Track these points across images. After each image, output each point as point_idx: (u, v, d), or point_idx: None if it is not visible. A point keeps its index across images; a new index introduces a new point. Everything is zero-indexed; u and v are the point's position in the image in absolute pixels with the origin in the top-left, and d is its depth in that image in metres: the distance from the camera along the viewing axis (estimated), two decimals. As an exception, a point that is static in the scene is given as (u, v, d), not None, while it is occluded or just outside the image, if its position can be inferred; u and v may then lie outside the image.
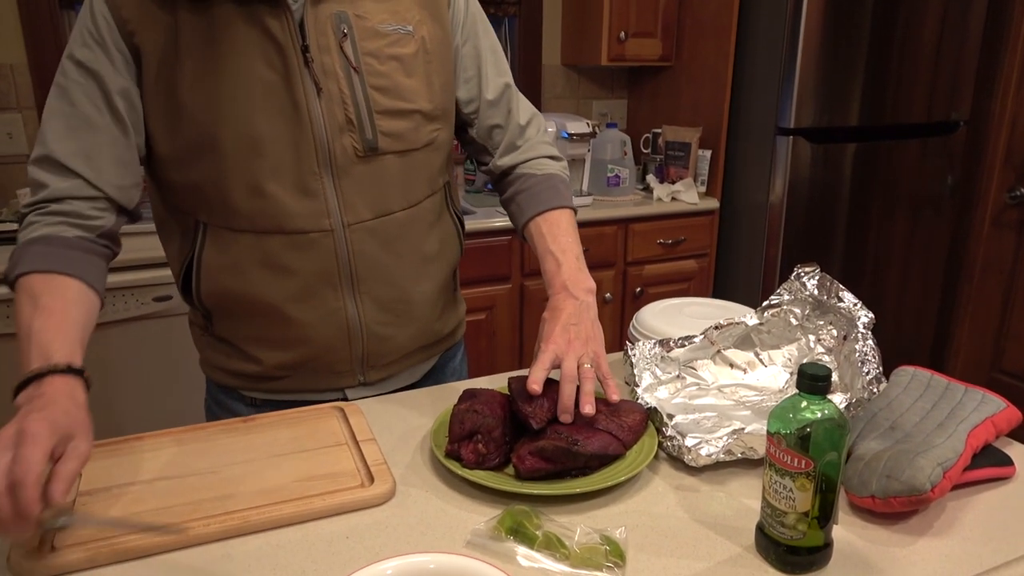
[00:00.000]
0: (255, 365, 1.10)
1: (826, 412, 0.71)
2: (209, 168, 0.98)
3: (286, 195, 0.99)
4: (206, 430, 0.99)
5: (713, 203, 2.75)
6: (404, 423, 1.04)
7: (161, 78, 0.95)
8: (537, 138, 1.19)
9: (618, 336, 2.73)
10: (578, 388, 0.92)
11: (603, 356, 0.97)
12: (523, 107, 1.18)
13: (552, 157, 1.19)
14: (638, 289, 2.69)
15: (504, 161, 1.17)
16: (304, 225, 1.01)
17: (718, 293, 2.88)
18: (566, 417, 0.90)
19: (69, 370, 0.81)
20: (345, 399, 1.13)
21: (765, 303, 1.05)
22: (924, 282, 2.98)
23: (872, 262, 2.82)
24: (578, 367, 0.93)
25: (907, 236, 2.87)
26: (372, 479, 0.87)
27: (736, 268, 2.83)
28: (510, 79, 1.17)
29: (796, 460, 0.70)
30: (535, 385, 0.91)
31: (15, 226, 2.06)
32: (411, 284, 1.11)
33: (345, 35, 0.98)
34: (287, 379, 1.11)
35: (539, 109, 3.02)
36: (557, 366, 0.94)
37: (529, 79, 3.00)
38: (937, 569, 0.74)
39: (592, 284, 1.03)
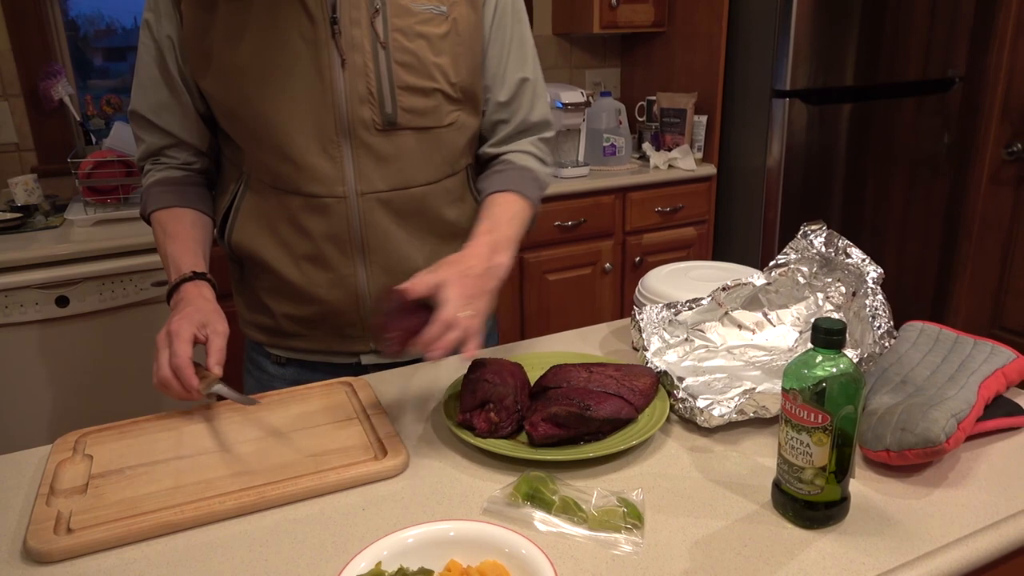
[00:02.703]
0: (269, 318, 1.15)
1: (841, 366, 0.70)
2: (242, 126, 1.06)
3: (305, 159, 1.03)
4: (216, 409, 0.99)
5: (710, 169, 2.74)
6: (413, 395, 1.03)
7: (199, 39, 1.02)
8: (533, 141, 1.17)
9: (619, 306, 2.73)
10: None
11: (482, 315, 0.90)
12: (537, 109, 1.16)
13: (541, 160, 1.17)
14: (637, 258, 2.68)
15: (493, 150, 1.16)
16: (319, 190, 1.04)
17: (718, 259, 2.87)
18: (416, 346, 0.85)
19: (195, 275, 1.02)
20: (359, 364, 1.17)
21: (772, 263, 1.05)
22: (923, 241, 2.97)
23: (871, 222, 2.81)
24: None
25: (905, 195, 2.86)
26: (385, 451, 0.87)
27: (735, 234, 2.82)
28: (530, 74, 1.15)
29: (813, 415, 0.70)
30: (410, 287, 0.85)
31: (11, 215, 2.05)
32: (423, 259, 1.12)
33: (377, 11, 1.00)
34: (302, 337, 1.16)
35: (532, 80, 2.99)
36: (425, 302, 0.87)
37: (521, 50, 2.96)
38: (954, 519, 0.74)
39: (507, 264, 0.98)
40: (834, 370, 0.70)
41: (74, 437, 0.92)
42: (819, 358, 0.71)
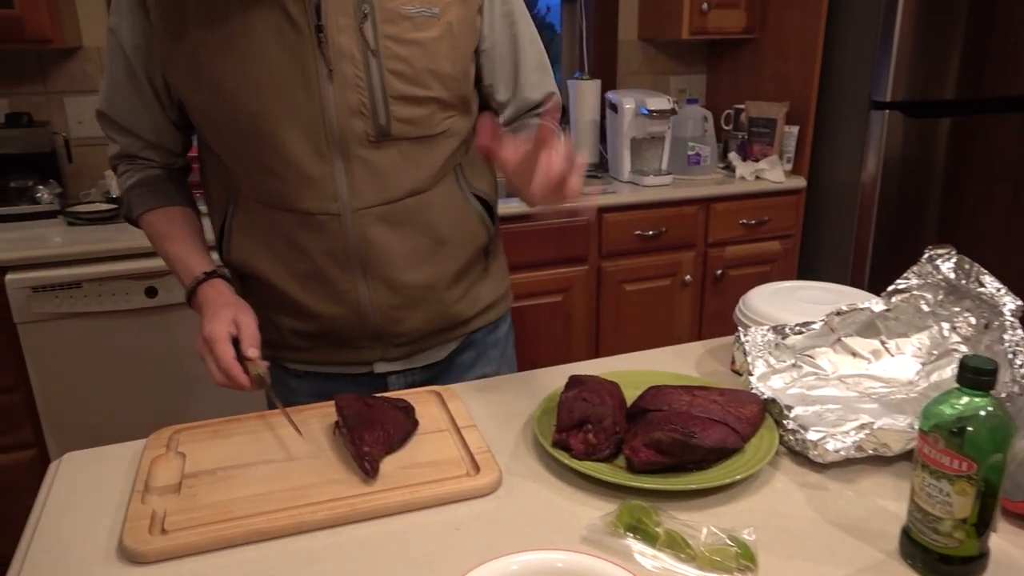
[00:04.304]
0: (276, 333, 1.12)
1: (990, 409, 0.64)
2: (227, 141, 1.02)
3: (295, 176, 0.99)
4: (303, 413, 0.97)
5: (800, 181, 2.63)
6: (502, 410, 1.00)
7: (176, 51, 0.96)
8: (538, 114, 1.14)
9: (697, 320, 2.65)
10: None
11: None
12: (552, 85, 1.15)
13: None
14: (719, 271, 2.60)
15: (508, 114, 1.14)
16: (312, 207, 1.00)
17: (803, 276, 2.76)
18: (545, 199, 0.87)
19: (206, 276, 1.03)
20: (373, 373, 1.14)
21: (891, 287, 0.98)
22: (1026, 266, 2.80)
23: (969, 245, 2.66)
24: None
25: (1006, 217, 2.70)
26: (478, 468, 0.84)
27: (823, 250, 2.70)
28: (546, 61, 1.13)
29: (956, 462, 0.64)
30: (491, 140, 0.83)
31: (105, 206, 2.11)
32: (423, 269, 1.07)
33: (366, 16, 0.94)
34: (311, 350, 1.13)
35: (615, 86, 2.94)
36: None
37: (604, 55, 2.92)
38: (1109, 585, 0.67)
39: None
40: (982, 413, 0.64)
41: (167, 434, 0.92)
42: (964, 399, 0.65)
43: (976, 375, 0.64)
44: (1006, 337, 0.82)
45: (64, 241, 1.90)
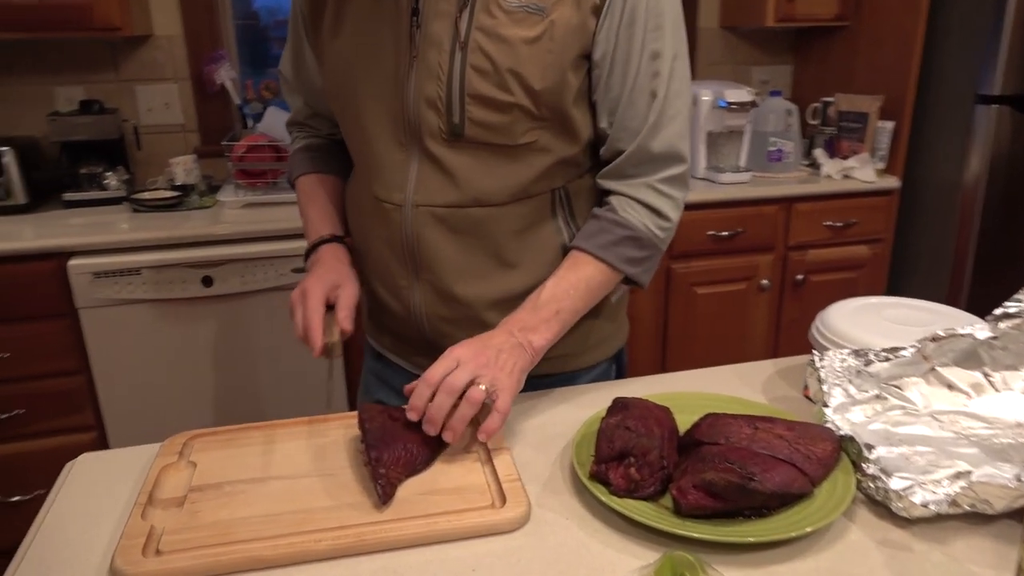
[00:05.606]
0: (365, 302, 1.15)
1: None
2: (339, 116, 1.04)
3: (374, 160, 0.99)
4: (326, 423, 0.91)
5: (893, 182, 2.43)
6: (541, 430, 0.91)
7: (311, 25, 1.02)
8: (654, 180, 0.96)
9: (774, 329, 2.48)
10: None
11: (508, 390, 0.83)
12: (661, 137, 0.94)
13: (656, 211, 0.97)
14: (799, 276, 2.43)
15: (606, 183, 0.99)
16: (381, 193, 0.99)
17: (894, 285, 2.56)
18: (429, 428, 0.81)
19: (332, 238, 1.07)
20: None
21: (999, 311, 0.83)
22: None
23: (1086, 254, 2.40)
24: (471, 384, 0.81)
25: None
26: (504, 499, 0.75)
27: (917, 257, 2.49)
28: (660, 93, 0.92)
29: (1083, 543, 0.51)
30: (413, 413, 0.81)
31: (169, 193, 2.12)
32: (477, 285, 0.98)
33: (466, 4, 0.88)
34: (375, 331, 1.16)
35: (693, 76, 2.77)
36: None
37: (683, 44, 2.77)
38: None
39: (540, 344, 0.90)
40: (1120, 483, 0.51)
41: (182, 440, 0.87)
42: (1096, 463, 0.52)
43: (1114, 435, 0.51)
44: None
45: (127, 228, 1.92)
